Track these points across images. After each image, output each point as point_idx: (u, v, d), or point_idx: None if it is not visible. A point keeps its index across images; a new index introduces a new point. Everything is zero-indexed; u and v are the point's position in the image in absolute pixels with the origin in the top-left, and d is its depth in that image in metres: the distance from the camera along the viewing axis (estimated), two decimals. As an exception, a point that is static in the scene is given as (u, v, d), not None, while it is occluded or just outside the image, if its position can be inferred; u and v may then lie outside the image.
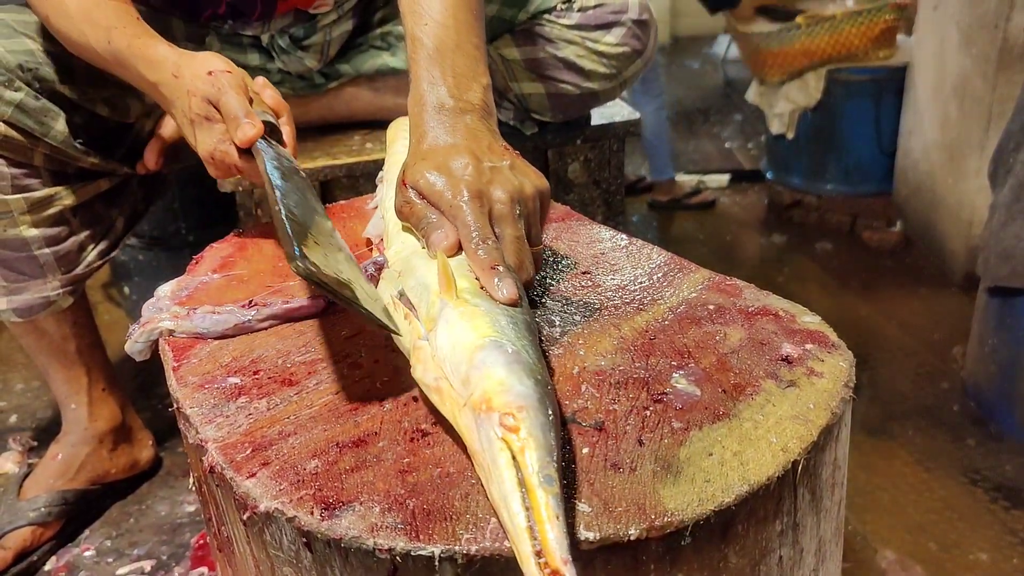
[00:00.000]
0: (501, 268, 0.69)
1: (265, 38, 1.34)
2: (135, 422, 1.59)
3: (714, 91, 4.93)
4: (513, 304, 0.66)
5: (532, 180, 0.77)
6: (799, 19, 3.03)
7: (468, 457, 0.57)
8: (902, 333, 2.32)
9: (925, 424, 1.89)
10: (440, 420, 0.62)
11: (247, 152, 0.92)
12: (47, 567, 1.44)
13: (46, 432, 1.78)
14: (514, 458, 0.52)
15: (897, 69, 2.93)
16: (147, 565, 1.43)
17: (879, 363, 2.16)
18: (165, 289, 0.86)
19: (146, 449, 1.60)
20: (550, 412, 0.55)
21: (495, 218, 0.73)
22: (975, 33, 2.42)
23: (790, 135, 3.15)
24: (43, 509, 1.43)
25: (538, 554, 0.47)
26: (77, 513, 1.49)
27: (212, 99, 0.93)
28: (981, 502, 1.63)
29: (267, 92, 1.00)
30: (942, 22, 2.62)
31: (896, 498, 1.66)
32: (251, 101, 0.95)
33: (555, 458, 0.52)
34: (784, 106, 3.11)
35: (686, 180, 3.53)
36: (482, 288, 0.68)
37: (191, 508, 1.56)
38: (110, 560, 1.45)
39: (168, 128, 1.35)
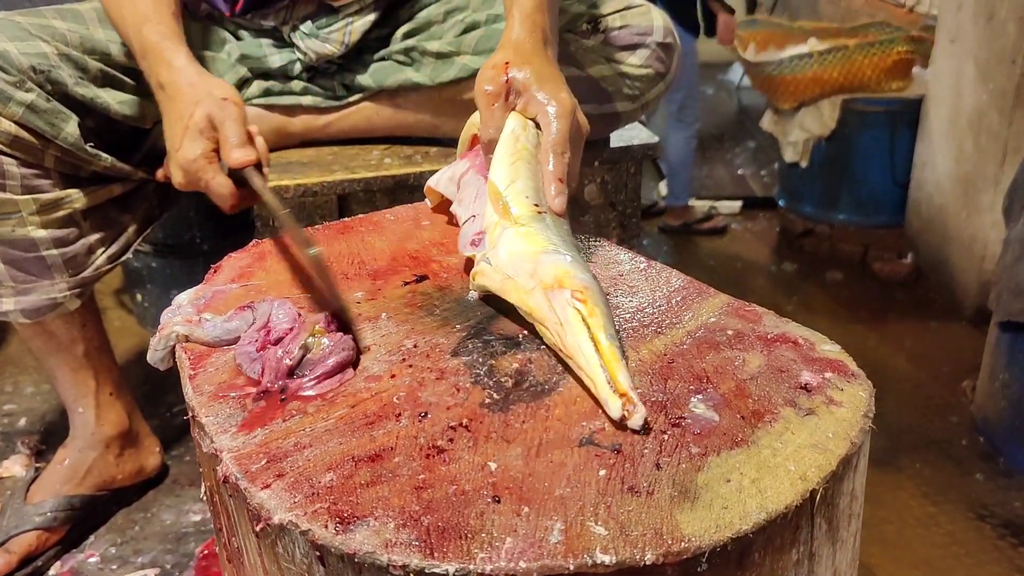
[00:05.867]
0: (563, 183, 0.85)
1: (286, 30, 1.34)
2: (142, 428, 1.58)
3: (728, 118, 4.96)
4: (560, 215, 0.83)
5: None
6: (811, 47, 3.05)
7: (483, 476, 0.57)
8: (911, 365, 2.31)
9: (933, 457, 1.89)
10: (455, 436, 0.62)
11: (232, 175, 1.03)
12: (51, 572, 1.44)
13: (55, 436, 1.78)
14: (584, 322, 0.66)
15: (912, 101, 2.94)
16: (151, 573, 1.42)
17: (887, 395, 2.15)
18: (183, 297, 0.86)
19: (153, 456, 1.60)
20: (606, 299, 0.70)
21: (572, 138, 0.89)
22: (992, 68, 2.43)
23: (804, 163, 3.15)
24: (49, 514, 1.43)
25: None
26: (83, 519, 1.49)
27: (216, 119, 1.02)
28: (988, 538, 1.62)
29: (259, 139, 1.07)
30: (959, 56, 2.62)
31: (902, 531, 1.65)
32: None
33: (614, 329, 0.67)
34: (798, 134, 3.11)
35: (698, 205, 3.54)
36: (536, 206, 0.81)
37: (196, 517, 1.55)
38: (114, 567, 1.45)
39: None
